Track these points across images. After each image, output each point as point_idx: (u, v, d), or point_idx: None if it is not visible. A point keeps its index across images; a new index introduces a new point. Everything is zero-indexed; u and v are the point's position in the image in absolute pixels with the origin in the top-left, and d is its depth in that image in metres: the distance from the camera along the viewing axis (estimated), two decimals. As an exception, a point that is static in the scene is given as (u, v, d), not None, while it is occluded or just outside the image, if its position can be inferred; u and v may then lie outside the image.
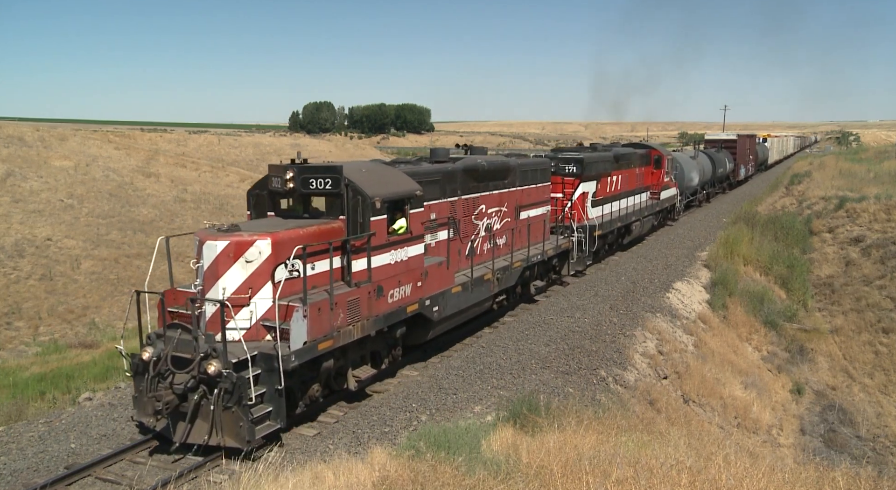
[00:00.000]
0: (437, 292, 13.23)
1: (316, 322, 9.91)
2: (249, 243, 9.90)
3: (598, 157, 22.60)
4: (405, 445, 7.99)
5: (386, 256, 11.70)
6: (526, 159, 18.52)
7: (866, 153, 71.32)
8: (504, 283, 16.07)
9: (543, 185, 19.05)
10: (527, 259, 17.17)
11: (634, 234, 26.87)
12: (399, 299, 12.08)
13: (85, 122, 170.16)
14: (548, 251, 18.41)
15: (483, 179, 15.53)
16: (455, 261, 14.38)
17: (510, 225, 16.99)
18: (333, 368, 10.99)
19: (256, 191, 12.07)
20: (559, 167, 21.14)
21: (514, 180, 17.05)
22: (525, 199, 17.80)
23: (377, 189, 11.42)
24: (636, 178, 26.94)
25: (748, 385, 16.97)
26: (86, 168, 57.27)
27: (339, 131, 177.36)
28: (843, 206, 33.62)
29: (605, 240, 23.65)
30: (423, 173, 13.59)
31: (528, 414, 9.40)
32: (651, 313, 17.93)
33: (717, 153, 45.96)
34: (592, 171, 21.91)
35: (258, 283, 9.96)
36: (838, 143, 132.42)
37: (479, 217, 15.56)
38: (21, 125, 72.40)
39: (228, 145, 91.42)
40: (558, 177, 21.11)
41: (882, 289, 25.83)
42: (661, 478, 6.73)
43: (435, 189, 13.71)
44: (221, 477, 9.04)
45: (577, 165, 21.25)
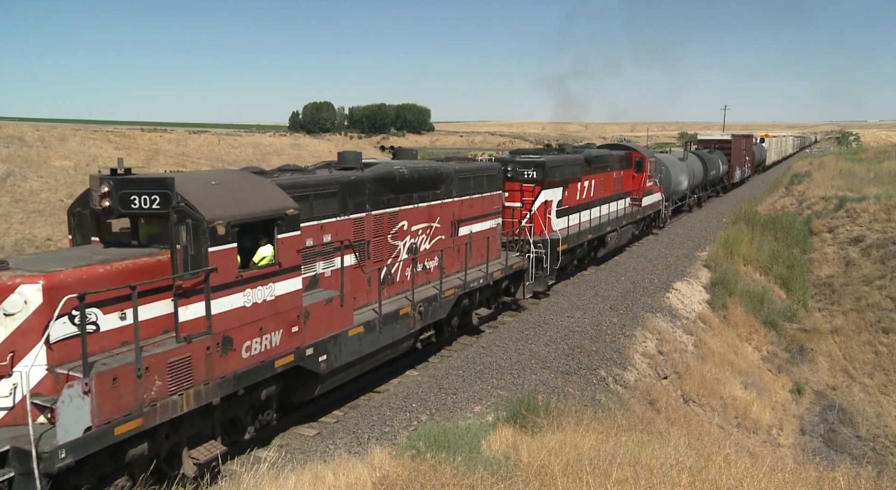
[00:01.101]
0: (325, 337, 10.36)
1: (110, 397, 7.19)
2: (9, 289, 7.24)
3: (563, 161, 20.22)
4: (405, 445, 8.00)
5: (237, 298, 8.73)
6: (468, 164, 15.92)
7: (866, 153, 71.37)
8: (431, 317, 13.32)
9: (492, 195, 16.41)
10: (464, 285, 14.42)
11: (610, 246, 24.18)
12: (261, 352, 9.18)
13: (85, 122, 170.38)
14: (494, 273, 15.66)
15: (403, 190, 12.88)
16: (362, 292, 11.80)
17: (444, 244, 14.44)
18: (164, 449, 8.35)
19: (78, 209, 9.47)
20: (516, 172, 18.72)
21: (449, 190, 14.47)
22: (466, 212, 15.22)
23: (223, 209, 8.62)
24: (614, 183, 24.55)
25: (748, 385, 16.97)
26: (86, 168, 57.31)
27: (339, 131, 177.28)
28: (843, 206, 33.62)
29: (572, 255, 21.04)
30: (311, 185, 10.80)
31: (528, 414, 9.40)
32: (651, 313, 17.93)
33: (709, 154, 43.52)
34: (557, 177, 19.53)
35: (25, 343, 7.23)
36: (838, 143, 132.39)
37: (398, 236, 12.93)
38: (21, 125, 72.43)
39: (228, 145, 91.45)
40: (516, 183, 18.67)
41: (882, 289, 25.83)
42: (661, 478, 6.73)
43: (331, 204, 11.10)
44: (221, 477, 9.03)
45: (538, 170, 18.78)
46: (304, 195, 10.45)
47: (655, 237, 30.60)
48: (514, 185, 18.77)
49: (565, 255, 19.76)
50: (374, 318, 11.60)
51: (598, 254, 23.48)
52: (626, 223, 25.67)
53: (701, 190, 41.55)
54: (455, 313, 14.66)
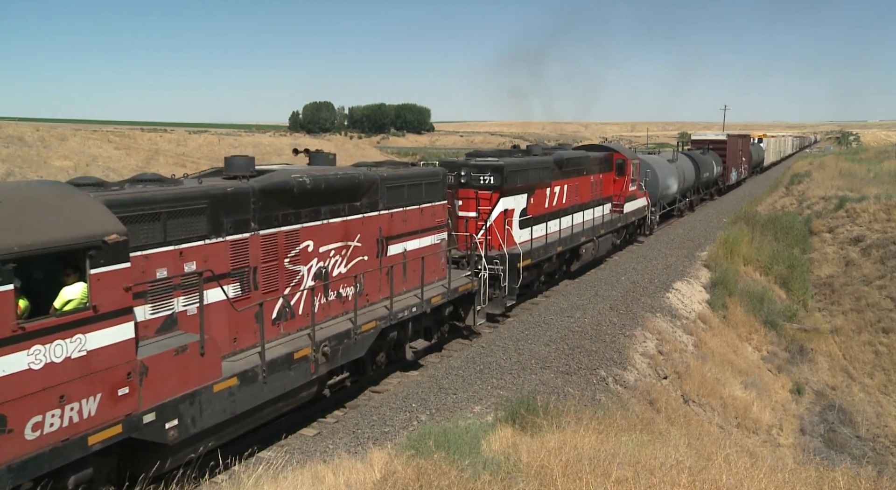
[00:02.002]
0: (175, 397, 8.06)
1: None
2: None
3: (527, 164, 18.03)
4: (405, 445, 7.99)
5: (15, 359, 6.47)
6: (400, 170, 13.52)
7: (866, 153, 71.35)
8: (343, 357, 11.01)
9: (433, 206, 14.21)
10: (389, 315, 12.11)
11: (585, 258, 21.58)
12: (63, 428, 6.84)
13: (85, 122, 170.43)
14: (434, 298, 13.43)
15: (307, 203, 10.74)
16: (246, 332, 9.60)
17: (367, 266, 12.25)
18: None
19: None
20: (471, 177, 16.64)
21: (373, 201, 12.30)
22: (397, 227, 13.08)
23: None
24: (591, 188, 22.54)
25: (748, 385, 16.97)
26: (86, 168, 57.31)
27: (339, 131, 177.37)
28: (843, 206, 33.62)
29: (538, 270, 18.81)
30: (164, 200, 8.46)
31: (527, 414, 9.40)
32: (651, 313, 17.93)
33: (702, 155, 41.13)
34: (519, 182, 17.40)
35: None
36: (838, 143, 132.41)
37: (300, 259, 10.72)
38: (21, 125, 72.42)
39: (228, 145, 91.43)
40: (470, 190, 16.59)
41: (882, 289, 25.83)
42: (661, 478, 6.73)
43: (196, 223, 8.84)
44: (221, 477, 9.04)
45: (495, 175, 16.60)
46: (152, 214, 8.29)
47: (641, 245, 28.54)
48: (469, 193, 16.62)
49: (528, 272, 17.58)
50: (254, 366, 9.25)
51: (571, 267, 21.26)
52: (606, 232, 23.32)
53: (693, 193, 39.36)
54: (381, 348, 12.41)
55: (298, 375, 10.09)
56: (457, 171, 16.82)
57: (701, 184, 40.44)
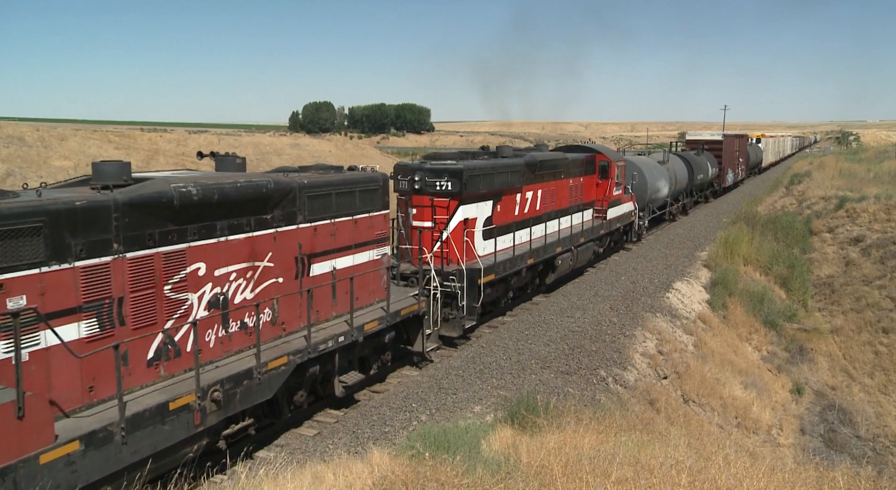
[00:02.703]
0: None
1: None
2: None
3: (493, 167, 16.23)
4: (405, 445, 7.99)
5: None
6: (325, 177, 11.56)
7: (866, 153, 71.38)
8: (241, 402, 9.22)
9: (371, 216, 12.39)
10: (307, 348, 10.31)
11: (562, 269, 19.71)
12: None
13: (85, 122, 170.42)
14: (368, 324, 11.68)
15: (195, 218, 8.97)
16: (104, 379, 7.86)
17: (283, 288, 10.46)
18: None
19: None
20: (426, 183, 15.00)
21: (290, 213, 10.53)
22: (323, 242, 11.28)
23: None
24: (571, 193, 20.90)
25: (748, 385, 16.97)
26: (86, 168, 57.28)
27: (339, 131, 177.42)
28: (843, 206, 33.63)
29: (505, 286, 16.95)
30: None
31: (527, 414, 9.40)
32: (651, 313, 17.93)
33: (696, 156, 39.41)
34: (482, 187, 15.73)
35: None
36: (838, 143, 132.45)
37: (187, 286, 8.93)
38: (21, 125, 72.45)
39: (228, 145, 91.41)
40: (426, 197, 15.05)
41: (882, 289, 25.83)
42: (661, 478, 6.73)
43: (27, 247, 7.17)
44: (221, 477, 9.04)
45: (453, 180, 14.91)
46: None
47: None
48: (424, 200, 15.05)
49: (492, 288, 15.95)
50: (109, 423, 7.45)
51: (546, 280, 19.52)
52: (586, 240, 21.44)
53: (686, 196, 37.76)
54: (301, 385, 10.74)
55: (177, 429, 8.24)
56: (410, 175, 15.12)
57: (695, 186, 38.93)
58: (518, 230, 17.38)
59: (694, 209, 39.84)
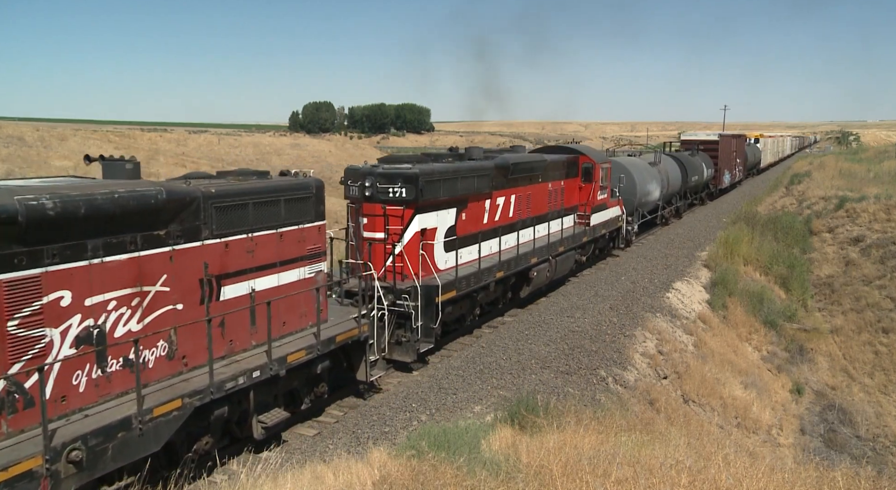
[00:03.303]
0: None
1: None
2: None
3: (456, 171, 14.71)
4: (405, 445, 8.00)
5: None
6: (246, 183, 10.11)
7: (866, 153, 71.36)
8: (114, 460, 7.58)
9: (302, 228, 10.87)
10: (208, 387, 8.67)
11: (538, 281, 18.16)
12: None
13: (85, 122, 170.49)
14: (292, 356, 10.05)
15: (56, 237, 7.50)
16: None
17: (183, 317, 8.92)
18: None
19: None
20: (377, 189, 13.44)
21: (191, 228, 9.00)
22: (238, 261, 9.77)
23: None
24: (550, 197, 19.38)
25: (748, 385, 16.97)
26: (86, 168, 57.27)
27: (339, 131, 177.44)
28: (843, 205, 33.64)
29: (470, 302, 15.39)
30: None
31: (527, 414, 9.40)
32: (651, 313, 17.93)
33: (691, 157, 37.82)
34: (443, 193, 14.21)
35: None
36: (838, 142, 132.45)
37: (43, 319, 7.42)
38: (21, 125, 72.47)
39: (228, 145, 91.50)
40: (377, 205, 13.47)
41: (882, 289, 25.83)
42: (660, 478, 6.73)
43: None
44: (221, 477, 9.04)
45: (408, 185, 13.34)
46: None
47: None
48: (375, 208, 13.53)
49: (454, 306, 14.45)
50: None
51: (521, 293, 17.92)
52: (566, 249, 19.78)
53: (679, 199, 36.13)
54: (207, 430, 9.15)
55: None
56: (360, 181, 13.63)
57: (689, 188, 37.33)
58: (486, 240, 15.80)
59: (689, 212, 38.55)
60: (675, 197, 34.93)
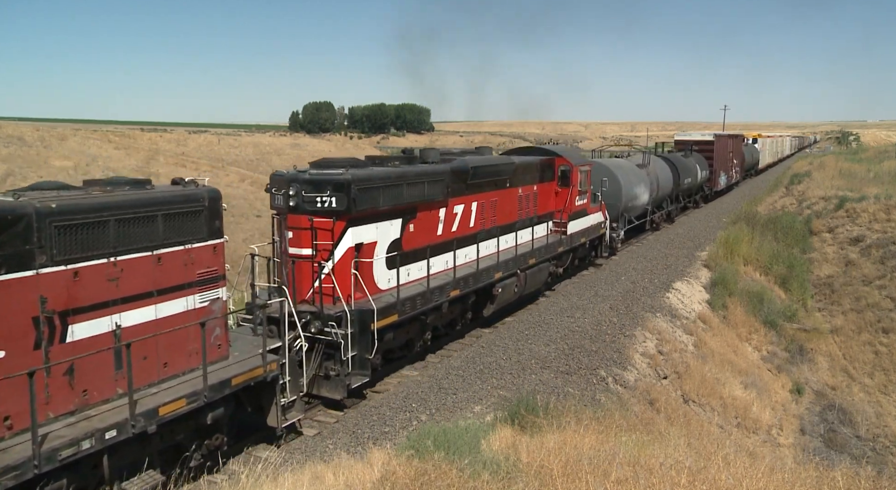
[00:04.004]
0: None
1: None
2: None
3: (400, 176, 12.96)
4: (405, 445, 8.00)
5: None
6: (100, 197, 8.24)
7: (866, 153, 71.36)
8: None
9: (189, 249, 9.04)
10: (30, 461, 6.78)
11: (505, 298, 16.35)
12: None
13: (85, 122, 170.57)
14: (165, 408, 8.23)
15: None
16: None
17: (3, 367, 6.98)
18: None
19: None
20: (303, 198, 11.62)
21: (17, 255, 7.21)
22: (94, 292, 7.94)
23: None
24: (520, 204, 17.63)
25: (748, 385, 16.98)
26: (86, 168, 57.34)
27: (339, 131, 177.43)
28: (843, 206, 33.65)
29: (420, 325, 13.60)
30: None
31: (527, 414, 9.40)
32: (651, 313, 17.93)
33: (684, 158, 36.20)
34: (384, 202, 12.46)
35: None
36: (838, 143, 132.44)
37: None
38: (21, 125, 72.48)
39: (228, 145, 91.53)
40: (303, 217, 11.67)
41: (882, 289, 25.84)
42: (660, 478, 6.73)
43: None
44: (221, 477, 9.04)
45: (338, 194, 11.55)
46: None
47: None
48: (301, 220, 11.73)
49: (397, 331, 12.74)
50: None
51: (484, 312, 16.12)
52: (539, 261, 17.95)
53: (671, 202, 34.33)
54: None
55: None
56: (284, 188, 11.81)
57: (681, 191, 35.54)
58: (440, 254, 14.13)
59: (681, 216, 36.90)
60: (666, 200, 33.28)
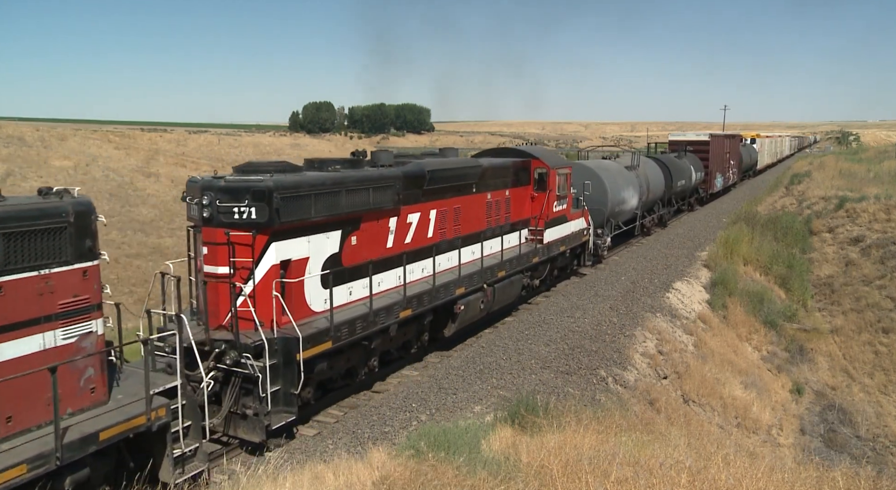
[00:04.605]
0: None
1: None
2: None
3: (338, 182, 11.30)
4: (405, 445, 8.00)
5: None
6: None
7: (866, 153, 71.37)
8: None
9: (41, 276, 7.35)
10: None
11: (468, 316, 14.76)
12: None
13: (85, 122, 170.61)
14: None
15: None
16: None
17: None
18: None
19: None
20: (218, 209, 10.03)
21: None
22: None
23: None
24: (489, 211, 16.12)
25: (748, 385, 16.98)
26: (86, 168, 57.35)
27: (339, 131, 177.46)
28: (843, 206, 33.65)
29: (362, 352, 11.93)
30: None
31: (527, 414, 9.40)
32: (651, 313, 17.93)
33: (677, 159, 34.79)
34: (317, 212, 10.86)
35: None
36: (838, 143, 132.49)
37: None
38: (21, 125, 72.47)
39: (228, 145, 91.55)
40: (219, 231, 10.03)
41: (882, 289, 25.83)
42: (660, 478, 6.73)
43: None
44: (221, 477, 9.04)
45: (259, 204, 10.01)
46: None
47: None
48: (216, 234, 10.03)
49: (332, 360, 11.07)
50: None
51: (445, 332, 14.52)
52: (510, 273, 16.34)
53: (663, 206, 32.78)
54: None
55: None
56: (197, 197, 10.29)
57: (674, 194, 34.10)
58: (390, 269, 12.61)
59: (675, 220, 35.34)
60: (658, 204, 31.81)
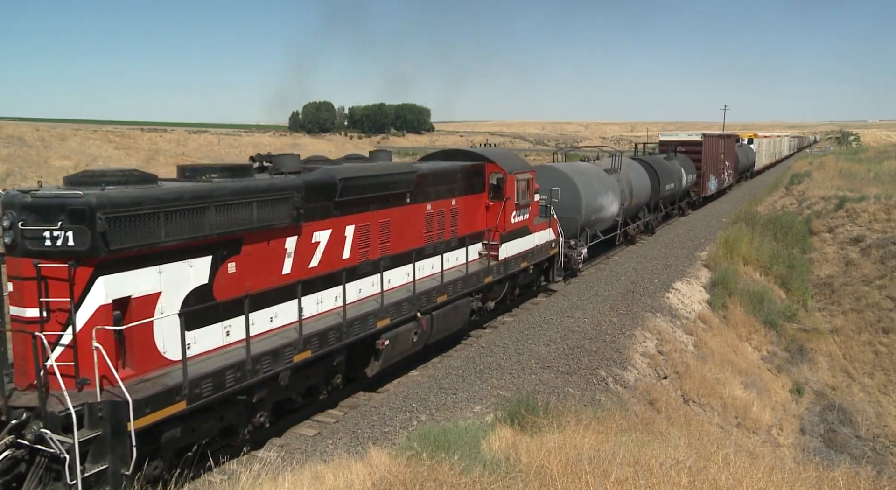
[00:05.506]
0: None
1: None
2: None
3: (202, 196, 8.78)
4: (405, 445, 7.99)
5: None
6: None
7: (866, 153, 71.40)
8: None
9: None
10: None
11: (398, 350, 12.38)
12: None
13: (85, 122, 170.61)
14: None
15: None
16: None
17: None
18: None
19: None
20: (24, 234, 7.56)
21: None
22: None
23: None
24: (430, 224, 13.96)
25: (748, 385, 16.97)
26: (86, 167, 57.44)
27: (339, 131, 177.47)
28: (843, 206, 33.66)
29: (241, 411, 9.33)
30: None
31: (527, 414, 9.40)
32: (651, 313, 17.93)
33: (666, 161, 32.33)
34: (168, 235, 8.33)
35: None
36: (838, 143, 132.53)
37: None
38: (21, 125, 72.49)
39: (228, 145, 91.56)
40: (27, 261, 7.56)
41: (882, 289, 25.83)
42: (660, 478, 6.73)
43: None
44: (220, 477, 9.04)
45: (76, 226, 7.49)
46: None
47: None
48: (22, 266, 7.66)
49: (189, 424, 8.52)
50: None
51: (368, 371, 12.01)
52: (454, 296, 13.98)
53: (649, 211, 29.91)
54: None
55: None
56: None
57: (663, 198, 31.26)
58: (288, 301, 10.12)
59: (664, 226, 32.73)
60: (643, 209, 29.18)
